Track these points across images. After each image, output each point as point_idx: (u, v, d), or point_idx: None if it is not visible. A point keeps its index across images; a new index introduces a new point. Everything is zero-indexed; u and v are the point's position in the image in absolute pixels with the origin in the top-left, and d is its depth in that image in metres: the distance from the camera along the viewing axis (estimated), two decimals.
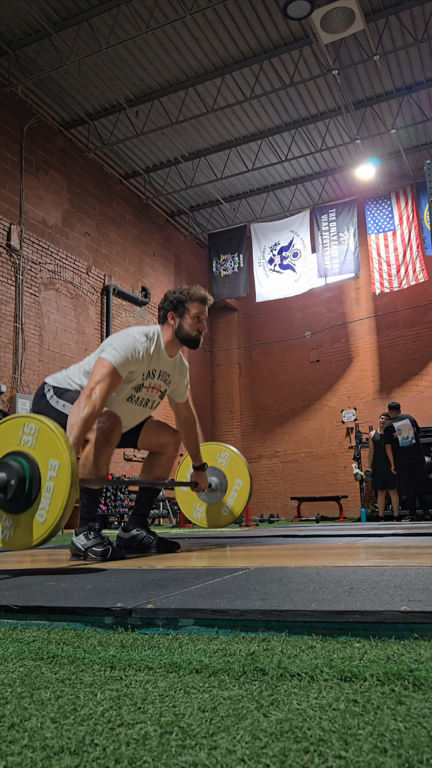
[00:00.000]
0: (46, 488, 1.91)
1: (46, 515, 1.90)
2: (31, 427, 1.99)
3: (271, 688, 0.78)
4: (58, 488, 1.89)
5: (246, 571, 1.75)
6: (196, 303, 2.67)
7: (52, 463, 1.92)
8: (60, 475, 1.90)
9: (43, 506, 1.91)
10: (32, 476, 1.93)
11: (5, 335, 8.61)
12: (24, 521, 1.94)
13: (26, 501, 1.93)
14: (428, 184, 5.15)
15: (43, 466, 1.93)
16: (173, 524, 10.55)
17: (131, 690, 0.80)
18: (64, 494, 1.88)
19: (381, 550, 2.50)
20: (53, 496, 1.89)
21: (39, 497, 1.92)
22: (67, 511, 1.89)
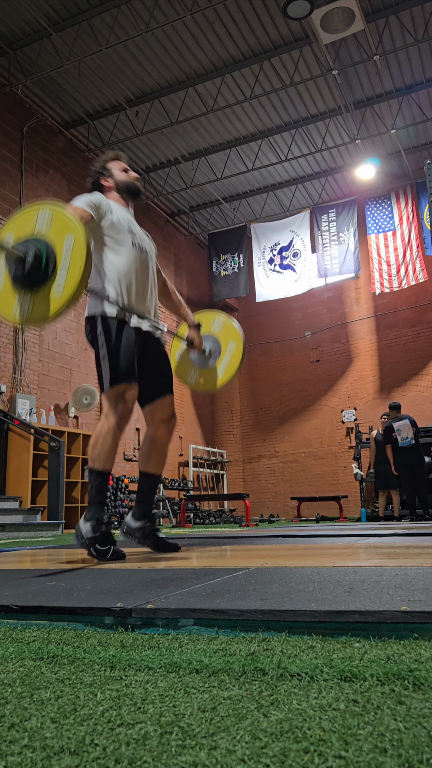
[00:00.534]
0: (62, 265, 2.03)
1: (62, 289, 2.01)
2: (45, 214, 2.12)
3: (271, 688, 0.78)
4: (73, 262, 2.01)
5: (246, 571, 1.75)
6: (116, 161, 2.90)
7: (67, 238, 2.04)
8: (75, 250, 2.02)
9: (60, 281, 2.02)
10: (48, 253, 2.04)
11: (5, 335, 8.61)
12: (41, 296, 2.05)
13: (43, 276, 2.03)
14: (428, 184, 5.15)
15: (59, 244, 2.04)
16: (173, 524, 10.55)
17: (131, 690, 0.80)
18: (79, 268, 1.99)
19: (381, 550, 2.50)
20: (69, 270, 2.01)
21: (56, 273, 2.03)
22: (82, 284, 2.01)
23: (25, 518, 6.84)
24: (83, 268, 1.99)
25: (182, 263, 13.54)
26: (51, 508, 7.29)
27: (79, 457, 8.84)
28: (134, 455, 11.03)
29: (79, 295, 2.02)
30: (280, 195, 12.89)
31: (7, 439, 7.74)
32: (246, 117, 10.41)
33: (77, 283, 1.99)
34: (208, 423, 13.98)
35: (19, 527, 6.43)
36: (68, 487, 8.51)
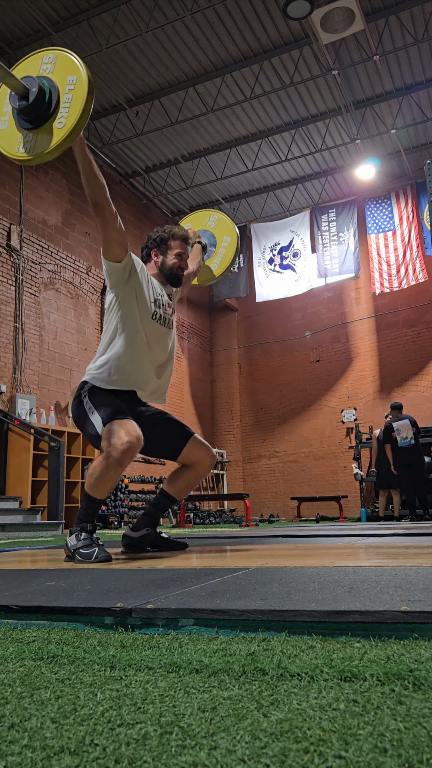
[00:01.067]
0: (64, 100, 2.08)
1: (65, 121, 2.06)
2: (50, 57, 2.18)
3: (271, 688, 0.78)
4: (75, 97, 2.07)
5: (246, 571, 1.75)
6: (178, 241, 2.80)
7: (70, 78, 2.09)
8: (77, 87, 2.08)
9: (62, 114, 2.08)
10: (51, 89, 2.08)
11: (5, 335, 8.61)
12: (45, 130, 2.10)
13: (46, 111, 2.08)
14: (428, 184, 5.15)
15: (62, 83, 2.09)
16: (173, 524, 10.55)
17: (131, 690, 0.80)
18: (81, 101, 2.05)
19: (381, 550, 2.50)
20: (71, 104, 2.06)
21: (58, 108, 2.08)
22: (83, 117, 2.06)
23: (25, 518, 6.84)
24: (85, 102, 2.03)
25: None
26: (51, 508, 7.29)
27: (79, 457, 8.84)
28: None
29: (80, 129, 2.07)
30: (280, 195, 12.88)
31: (7, 439, 7.74)
32: (246, 117, 10.41)
33: (79, 115, 2.04)
34: (208, 423, 13.98)
35: (19, 527, 6.43)
36: (68, 487, 8.51)
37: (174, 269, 2.77)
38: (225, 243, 3.42)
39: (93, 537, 2.44)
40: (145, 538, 2.73)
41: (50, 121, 2.08)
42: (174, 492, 2.79)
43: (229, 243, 3.41)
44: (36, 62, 2.20)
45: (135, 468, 11.04)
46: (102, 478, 2.39)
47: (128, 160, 11.40)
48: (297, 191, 12.74)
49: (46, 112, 2.08)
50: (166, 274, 2.78)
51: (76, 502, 8.63)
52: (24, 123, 2.12)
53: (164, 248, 2.78)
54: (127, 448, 2.34)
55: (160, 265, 2.78)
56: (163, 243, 2.78)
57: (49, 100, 2.08)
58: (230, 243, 3.41)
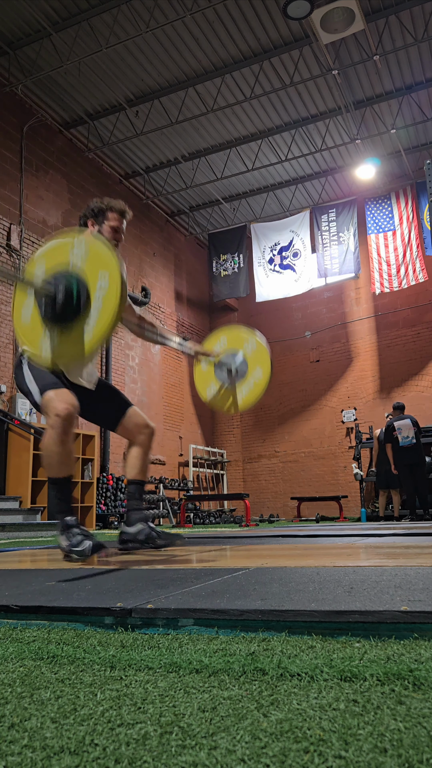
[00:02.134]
0: (94, 303, 1.95)
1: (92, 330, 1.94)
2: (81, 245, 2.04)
3: (271, 688, 0.78)
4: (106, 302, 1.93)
5: (246, 571, 1.75)
6: (116, 214, 2.76)
7: (101, 274, 1.96)
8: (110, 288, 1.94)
9: (91, 321, 1.95)
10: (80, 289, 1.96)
11: (5, 335, 8.60)
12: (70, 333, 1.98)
13: (74, 313, 1.95)
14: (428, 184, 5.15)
15: (92, 279, 1.97)
16: (173, 524, 10.55)
17: (131, 690, 0.80)
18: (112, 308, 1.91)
19: (381, 550, 2.50)
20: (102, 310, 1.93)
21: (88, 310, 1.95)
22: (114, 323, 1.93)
23: (25, 518, 6.84)
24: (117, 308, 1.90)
25: (182, 263, 13.54)
26: (51, 508, 7.29)
27: (79, 457, 8.83)
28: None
29: (110, 334, 1.94)
30: (280, 195, 12.88)
31: (7, 439, 7.74)
32: (246, 117, 10.41)
33: (109, 324, 1.91)
34: (208, 423, 13.98)
35: (19, 527, 6.43)
36: None
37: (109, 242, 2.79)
38: (256, 377, 3.18)
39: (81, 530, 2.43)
40: (141, 532, 2.74)
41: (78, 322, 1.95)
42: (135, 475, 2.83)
43: (260, 379, 3.17)
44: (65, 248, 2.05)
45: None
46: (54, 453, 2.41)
47: (128, 160, 11.39)
48: (297, 191, 12.74)
49: (73, 314, 1.95)
50: None
51: (75, 502, 8.63)
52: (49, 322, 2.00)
53: (101, 219, 2.76)
54: (65, 415, 2.38)
55: None
56: (101, 213, 2.76)
57: (77, 303, 1.94)
58: (261, 379, 3.17)
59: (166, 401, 12.37)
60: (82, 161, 10.65)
